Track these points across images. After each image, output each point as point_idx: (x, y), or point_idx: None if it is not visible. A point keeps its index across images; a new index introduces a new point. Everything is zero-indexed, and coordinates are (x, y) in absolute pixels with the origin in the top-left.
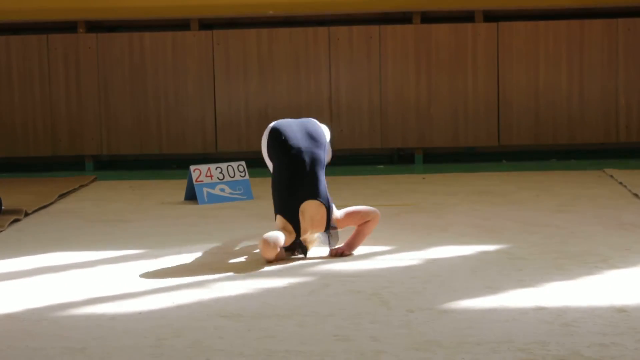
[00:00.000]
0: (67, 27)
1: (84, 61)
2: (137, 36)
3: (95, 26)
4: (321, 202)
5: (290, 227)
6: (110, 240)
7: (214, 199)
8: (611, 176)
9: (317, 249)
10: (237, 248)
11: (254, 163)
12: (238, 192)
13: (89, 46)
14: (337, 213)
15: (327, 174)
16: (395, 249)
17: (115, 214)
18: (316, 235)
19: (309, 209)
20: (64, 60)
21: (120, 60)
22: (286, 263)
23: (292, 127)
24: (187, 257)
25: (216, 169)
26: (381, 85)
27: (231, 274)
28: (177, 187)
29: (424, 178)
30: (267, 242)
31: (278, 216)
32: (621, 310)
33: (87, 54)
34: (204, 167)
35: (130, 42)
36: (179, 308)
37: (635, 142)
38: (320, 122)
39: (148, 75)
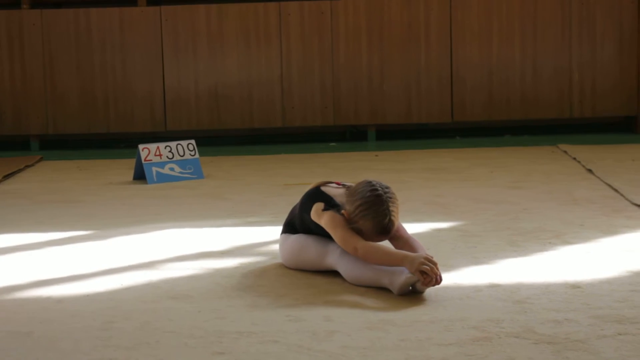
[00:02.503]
0: (10, 2)
1: (29, 38)
2: (83, 12)
3: (40, 2)
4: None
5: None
6: (57, 221)
7: (164, 178)
8: (565, 152)
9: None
10: (188, 228)
11: (204, 142)
12: (188, 171)
13: (33, 23)
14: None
15: (277, 152)
16: None
17: (62, 194)
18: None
19: None
20: (7, 37)
21: (66, 37)
22: (238, 243)
23: None
24: (136, 238)
25: (165, 147)
26: (333, 62)
27: (181, 254)
28: (126, 167)
29: (376, 155)
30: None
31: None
32: (575, 287)
33: (32, 31)
34: (152, 146)
35: (76, 19)
36: (128, 290)
37: (589, 117)
38: (271, 99)
39: (95, 52)
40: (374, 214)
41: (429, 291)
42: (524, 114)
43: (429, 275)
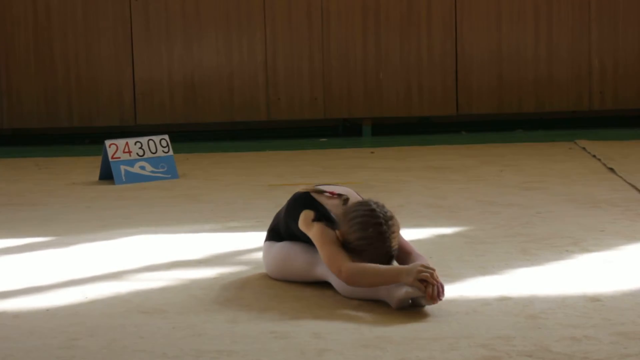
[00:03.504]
0: None
1: None
2: None
3: None
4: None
5: None
6: (13, 226)
7: (133, 178)
8: (583, 148)
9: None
10: (160, 234)
11: (179, 137)
12: (161, 170)
13: None
14: None
15: (261, 149)
16: None
17: (18, 196)
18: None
19: None
20: None
21: (23, 21)
22: (217, 251)
23: None
24: (102, 246)
25: (135, 144)
26: (324, 48)
27: (152, 263)
28: (91, 165)
29: (372, 152)
30: None
31: None
32: (594, 300)
33: None
34: (121, 142)
35: (33, 0)
36: (93, 303)
37: (610, 109)
38: (254, 89)
39: (55, 38)
40: (374, 249)
41: (431, 305)
42: (537, 106)
43: (429, 283)
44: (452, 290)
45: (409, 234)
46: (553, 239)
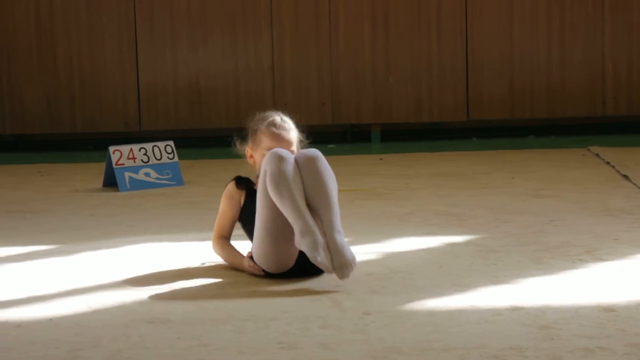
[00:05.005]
0: None
1: None
2: None
3: None
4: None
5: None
6: (15, 234)
7: (138, 185)
8: (597, 155)
9: None
10: (165, 242)
11: (184, 143)
12: (166, 176)
13: None
14: None
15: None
16: (349, 242)
17: (20, 204)
18: None
19: None
20: None
21: (25, 23)
22: (222, 259)
23: None
24: (106, 254)
25: (140, 150)
26: (331, 50)
27: (157, 272)
28: (94, 172)
29: (381, 159)
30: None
31: None
32: (609, 310)
33: None
34: (125, 148)
35: (36, 1)
36: (97, 313)
37: (624, 115)
38: (261, 94)
39: (58, 40)
40: (265, 117)
41: (442, 315)
42: (550, 111)
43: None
44: (463, 300)
45: (419, 243)
46: (566, 248)
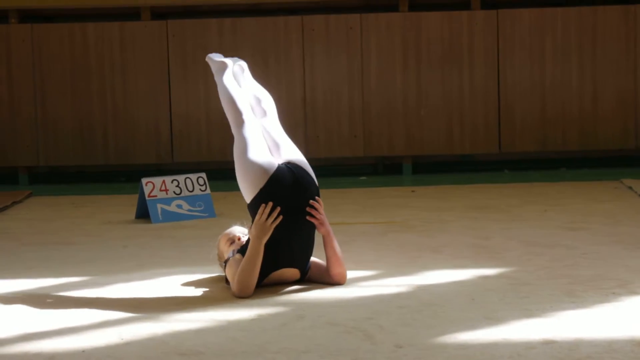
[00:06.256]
0: None
1: (17, 57)
2: (79, 27)
3: (30, 15)
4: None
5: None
6: (48, 266)
7: (170, 216)
8: (630, 188)
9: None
10: (197, 274)
11: (216, 175)
12: (198, 208)
13: (23, 39)
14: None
15: None
16: (381, 274)
17: (54, 235)
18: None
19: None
20: None
21: (60, 56)
22: (254, 292)
23: None
24: (138, 286)
25: (172, 182)
26: (363, 84)
27: (190, 304)
28: (127, 204)
29: (413, 191)
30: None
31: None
32: None
33: (21, 48)
34: (157, 180)
35: (71, 34)
36: (129, 345)
37: None
38: (293, 127)
39: (92, 72)
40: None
41: (474, 348)
42: (582, 144)
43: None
44: (495, 333)
45: (451, 276)
46: (599, 281)
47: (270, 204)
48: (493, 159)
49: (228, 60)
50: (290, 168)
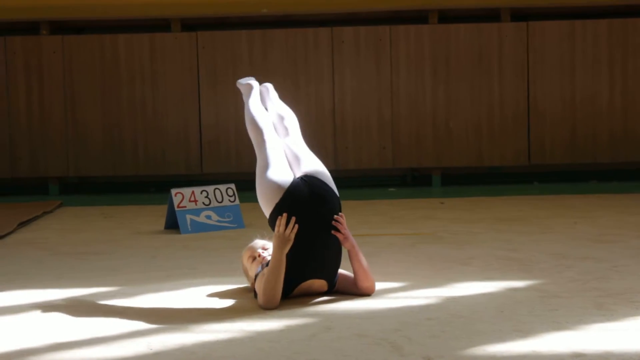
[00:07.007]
0: (28, 27)
1: (48, 68)
2: (110, 39)
3: (61, 27)
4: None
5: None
6: (78, 276)
7: (199, 227)
8: None
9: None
10: (226, 285)
11: (245, 186)
12: (227, 219)
13: (54, 50)
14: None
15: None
16: (410, 286)
17: (83, 245)
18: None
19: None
20: (24, 66)
21: (90, 67)
22: (283, 302)
23: None
24: (167, 296)
25: (201, 192)
26: (392, 96)
27: (219, 315)
28: (156, 214)
29: (442, 203)
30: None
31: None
32: None
33: (52, 60)
34: (187, 191)
35: (101, 46)
36: (158, 355)
37: None
38: (322, 138)
39: (122, 84)
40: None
41: None
42: (612, 156)
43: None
44: (524, 346)
45: (479, 288)
46: (630, 294)
47: (285, 215)
48: (522, 171)
49: (254, 82)
50: (305, 181)
